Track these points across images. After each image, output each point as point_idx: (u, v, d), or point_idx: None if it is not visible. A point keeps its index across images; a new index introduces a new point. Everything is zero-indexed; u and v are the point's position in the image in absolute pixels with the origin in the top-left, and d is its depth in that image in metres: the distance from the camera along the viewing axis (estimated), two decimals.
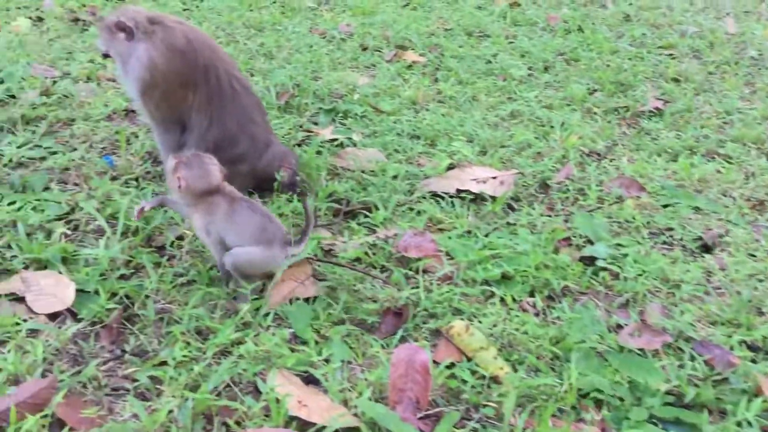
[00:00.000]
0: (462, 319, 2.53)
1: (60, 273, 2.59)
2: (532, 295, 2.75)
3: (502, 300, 2.71)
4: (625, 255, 3.01)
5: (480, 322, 2.54)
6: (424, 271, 2.83)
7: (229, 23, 6.02)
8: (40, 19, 5.48)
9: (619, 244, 3.10)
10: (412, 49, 5.77)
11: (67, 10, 5.71)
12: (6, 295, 2.48)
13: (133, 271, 2.71)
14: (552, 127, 4.36)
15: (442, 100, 4.81)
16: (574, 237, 3.15)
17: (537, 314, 2.64)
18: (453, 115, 4.47)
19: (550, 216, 3.37)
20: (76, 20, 5.48)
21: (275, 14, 6.53)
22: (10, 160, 3.36)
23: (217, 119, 3.16)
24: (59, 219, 2.97)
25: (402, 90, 4.87)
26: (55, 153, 3.49)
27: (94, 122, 3.87)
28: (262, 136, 3.31)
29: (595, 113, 4.70)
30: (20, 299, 2.47)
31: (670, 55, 5.99)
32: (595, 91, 5.07)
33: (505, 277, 2.81)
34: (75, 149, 3.57)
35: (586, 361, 2.38)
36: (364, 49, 5.77)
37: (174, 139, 3.21)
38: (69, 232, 2.90)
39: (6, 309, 2.39)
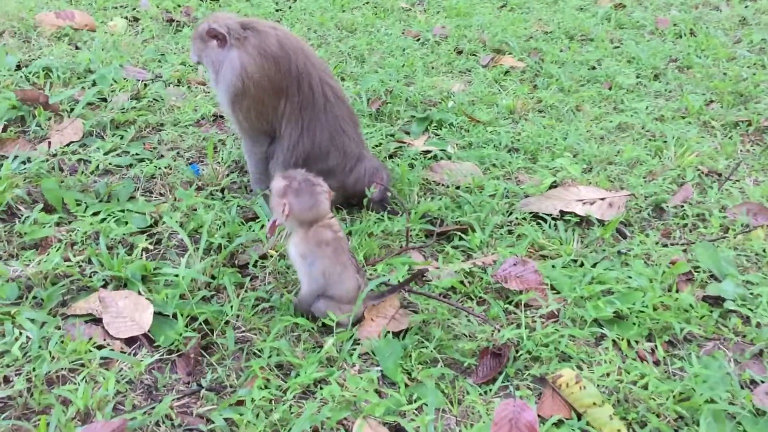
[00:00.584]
0: (570, 366, 2.25)
1: (139, 293, 2.46)
2: (649, 339, 2.44)
3: (615, 343, 2.41)
4: (757, 295, 2.65)
5: (591, 370, 2.26)
6: (526, 306, 2.56)
7: (320, 24, 5.88)
8: (136, 20, 5.47)
9: (749, 282, 2.74)
10: (510, 54, 5.46)
11: (162, 11, 5.69)
12: (82, 315, 2.36)
13: (213, 293, 2.56)
14: (665, 142, 3.99)
15: (542, 109, 4.50)
16: (696, 271, 2.81)
17: (657, 363, 2.33)
18: (555, 126, 4.15)
19: (666, 245, 3.03)
20: (171, 21, 5.44)
21: (368, 15, 6.34)
22: (97, 167, 3.29)
23: (308, 130, 2.99)
24: (142, 232, 2.85)
25: (499, 98, 4.58)
26: (142, 160, 3.40)
27: (183, 128, 3.77)
28: (353, 150, 3.11)
29: (713, 127, 4.29)
30: (97, 320, 2.35)
31: None
32: (712, 102, 4.64)
33: (618, 317, 2.50)
34: (162, 156, 3.47)
35: (716, 424, 2.06)
36: (459, 52, 5.50)
37: (262, 150, 3.06)
38: (151, 246, 2.78)
39: (81, 331, 2.27)
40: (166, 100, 4.01)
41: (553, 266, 2.81)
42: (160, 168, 3.33)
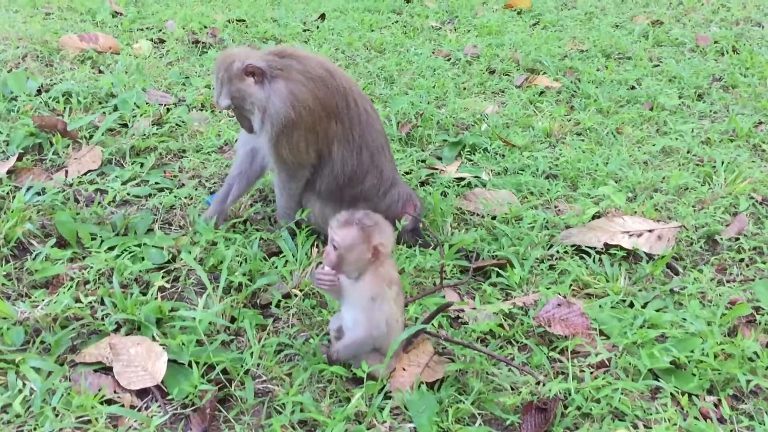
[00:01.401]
0: (625, 425, 2.02)
1: (153, 338, 2.28)
2: (711, 392, 2.20)
3: (673, 397, 2.17)
4: None
5: (648, 429, 2.02)
6: (573, 353, 2.34)
7: (348, 45, 5.73)
8: (162, 41, 5.37)
9: None
10: (545, 73, 5.26)
11: (188, 32, 5.59)
12: (92, 363, 2.19)
13: (233, 337, 2.37)
14: (714, 167, 3.75)
15: (580, 132, 4.28)
16: (759, 313, 2.56)
17: (722, 421, 2.09)
18: (595, 150, 3.93)
19: (722, 283, 2.79)
20: (197, 42, 5.33)
21: (397, 35, 6.19)
22: (114, 198, 3.14)
23: (357, 148, 2.85)
24: (159, 269, 2.69)
25: (535, 120, 4.38)
26: (162, 189, 3.25)
27: (205, 154, 3.62)
28: (388, 172, 2.94)
29: (763, 150, 4.04)
30: (107, 369, 2.18)
31: None
32: (761, 123, 4.38)
33: (675, 366, 2.27)
34: (183, 185, 3.31)
35: None
36: (491, 72, 5.32)
37: (299, 185, 2.89)
38: (168, 285, 2.61)
39: (90, 382, 2.10)
40: (188, 125, 3.86)
41: (599, 306, 2.59)
42: (180, 198, 3.17)
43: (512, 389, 2.19)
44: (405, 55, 5.56)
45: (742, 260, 2.96)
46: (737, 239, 3.08)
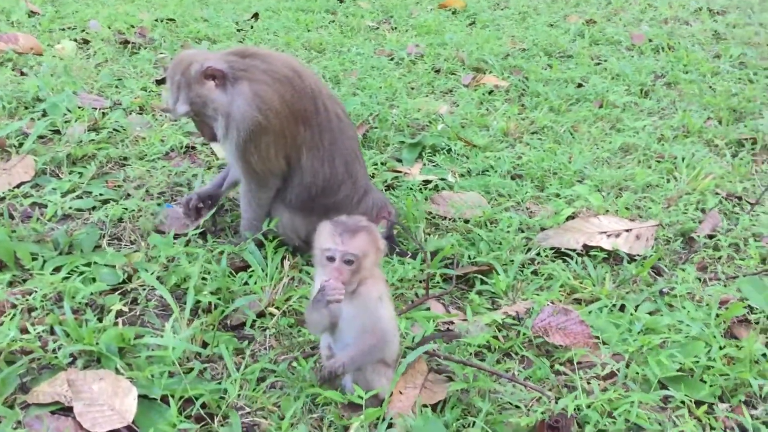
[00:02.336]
0: None
1: (117, 371, 2.01)
2: (722, 399, 2.11)
3: (686, 407, 2.06)
4: None
5: None
6: (576, 363, 2.21)
7: (287, 45, 5.49)
8: (86, 42, 4.98)
9: None
10: (491, 72, 5.16)
11: (114, 32, 5.22)
12: (48, 403, 1.90)
13: (207, 363, 2.13)
14: (674, 164, 3.72)
15: (536, 131, 4.19)
16: (753, 312, 2.50)
17: (743, 431, 2.00)
18: (555, 149, 3.84)
19: (707, 282, 2.72)
20: (126, 42, 4.97)
21: (335, 34, 5.99)
22: (55, 213, 2.82)
23: (329, 155, 2.64)
24: (114, 290, 2.40)
25: (490, 119, 4.26)
26: (106, 201, 2.95)
27: (150, 162, 3.32)
28: (362, 179, 2.76)
29: (716, 146, 4.05)
30: (67, 409, 1.90)
31: None
32: (710, 119, 4.41)
33: (683, 372, 2.17)
34: (129, 195, 3.02)
35: None
36: (437, 71, 5.19)
37: (269, 196, 2.66)
38: (126, 309, 2.33)
39: (48, 426, 1.82)
40: (128, 131, 3.55)
41: (590, 312, 2.47)
42: (128, 210, 2.88)
43: (518, 407, 2.03)
44: (347, 55, 5.37)
45: (720, 258, 2.91)
46: (712, 236, 3.04)
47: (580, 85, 4.97)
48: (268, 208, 2.67)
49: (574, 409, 1.98)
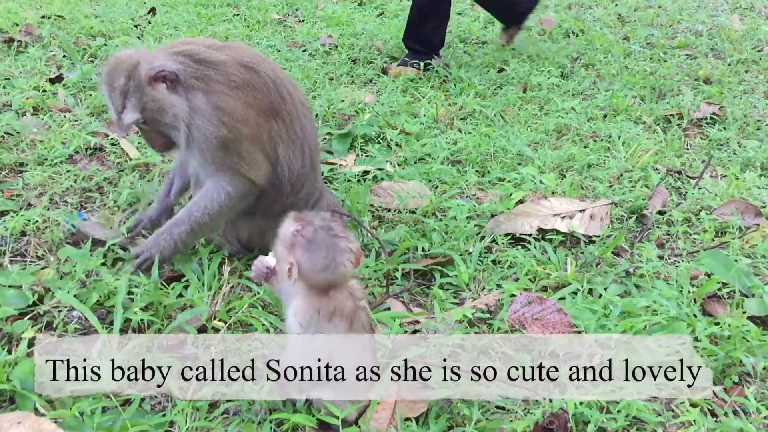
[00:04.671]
0: None
1: (36, 411, 1.67)
2: (714, 382, 1.97)
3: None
4: None
5: None
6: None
7: None
8: None
9: None
10: None
11: None
12: None
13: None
14: (609, 142, 3.64)
15: (465, 116, 4.04)
16: (725, 287, 2.40)
17: (747, 413, 1.86)
18: (489, 133, 3.69)
19: (669, 259, 2.62)
20: (11, 41, 4.46)
21: (240, 28, 5.66)
22: None
23: (300, 148, 2.36)
24: (23, 314, 2.03)
25: (418, 107, 4.07)
26: (4, 213, 2.54)
27: (52, 167, 2.92)
28: (319, 178, 2.51)
29: (644, 122, 4.01)
30: None
31: (688, 55, 5.38)
32: (634, 97, 4.39)
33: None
34: (30, 205, 2.63)
35: None
36: (354, 61, 4.96)
37: (248, 203, 2.35)
38: (41, 335, 1.97)
39: None
40: (23, 134, 3.12)
41: (561, 299, 2.30)
42: (30, 222, 2.49)
43: (508, 411, 1.83)
44: (257, 48, 5.05)
45: (675, 233, 2.82)
46: (663, 212, 2.95)
47: (501, 70, 4.86)
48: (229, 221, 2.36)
49: (570, 406, 1.80)
